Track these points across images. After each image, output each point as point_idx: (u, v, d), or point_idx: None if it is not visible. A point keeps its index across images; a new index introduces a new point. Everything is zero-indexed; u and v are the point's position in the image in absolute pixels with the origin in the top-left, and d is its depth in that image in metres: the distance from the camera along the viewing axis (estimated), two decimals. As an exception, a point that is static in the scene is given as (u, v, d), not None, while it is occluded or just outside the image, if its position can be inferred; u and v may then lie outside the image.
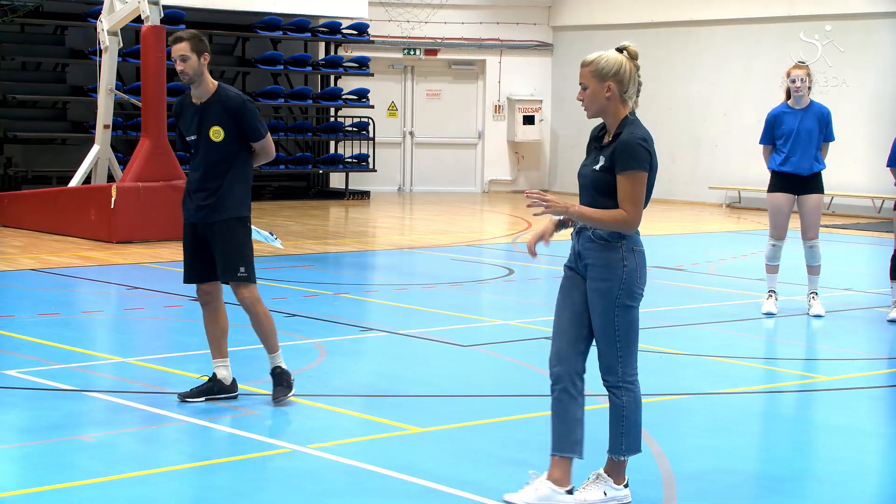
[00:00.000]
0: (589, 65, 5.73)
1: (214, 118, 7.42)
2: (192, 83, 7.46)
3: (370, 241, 17.40)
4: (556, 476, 5.78)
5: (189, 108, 7.54)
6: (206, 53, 7.45)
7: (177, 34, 7.49)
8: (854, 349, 9.97)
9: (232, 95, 7.48)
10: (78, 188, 16.86)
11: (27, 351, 9.02)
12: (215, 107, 7.44)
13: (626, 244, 5.72)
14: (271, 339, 7.57)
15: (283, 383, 7.52)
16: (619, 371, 5.77)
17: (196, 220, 7.50)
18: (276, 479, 6.14)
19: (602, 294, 5.73)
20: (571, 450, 5.80)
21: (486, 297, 12.62)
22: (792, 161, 11.03)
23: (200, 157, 7.49)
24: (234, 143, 7.45)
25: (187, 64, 7.38)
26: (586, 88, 5.75)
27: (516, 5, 26.35)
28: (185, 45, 7.40)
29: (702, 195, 24.06)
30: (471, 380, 8.51)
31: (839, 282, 13.31)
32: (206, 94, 7.48)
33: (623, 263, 5.71)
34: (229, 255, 7.44)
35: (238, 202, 7.47)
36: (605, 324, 5.75)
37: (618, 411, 5.80)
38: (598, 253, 5.75)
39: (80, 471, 6.23)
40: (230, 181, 7.44)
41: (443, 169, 26.39)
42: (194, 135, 7.49)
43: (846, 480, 6.43)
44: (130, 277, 12.95)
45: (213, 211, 7.44)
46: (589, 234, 5.79)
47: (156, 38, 16.11)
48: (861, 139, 21.79)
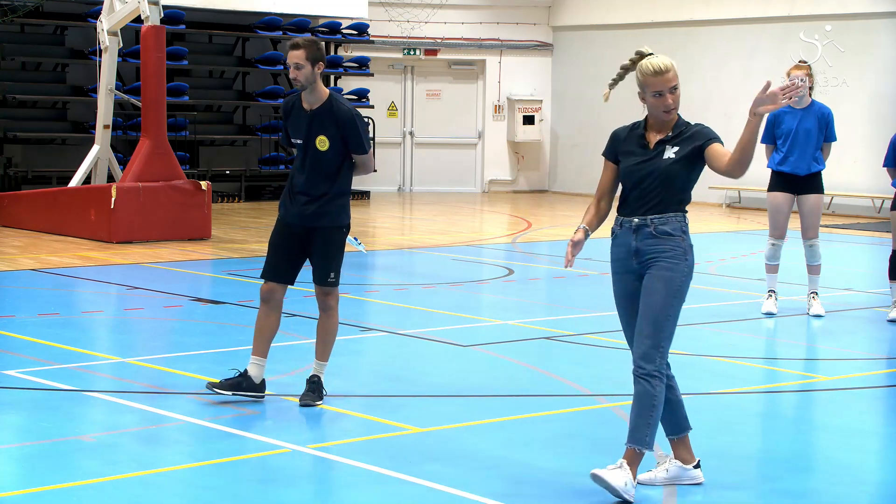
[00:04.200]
0: (672, 68, 5.99)
1: (322, 127, 7.49)
2: (303, 90, 7.52)
3: (370, 241, 17.40)
4: (684, 457, 6.12)
5: (299, 111, 7.60)
6: (321, 62, 7.48)
7: (294, 40, 7.52)
8: (854, 349, 9.97)
9: (344, 108, 7.52)
10: (78, 188, 16.86)
11: (27, 351, 9.01)
12: (325, 116, 7.49)
13: (687, 238, 5.94)
14: (329, 347, 7.69)
15: (316, 391, 7.58)
16: (658, 360, 5.83)
17: (295, 221, 7.59)
18: (276, 479, 6.14)
19: (665, 281, 5.86)
20: (681, 428, 6.12)
21: (486, 297, 12.61)
22: (790, 161, 11.03)
23: (306, 163, 7.57)
24: (339, 154, 7.53)
25: (301, 72, 7.43)
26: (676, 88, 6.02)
27: (516, 5, 26.35)
28: (301, 53, 7.42)
29: (702, 195, 23.98)
30: (471, 380, 8.51)
31: (839, 282, 13.31)
32: (318, 102, 7.53)
33: (686, 257, 5.91)
34: (328, 261, 7.57)
35: (340, 211, 7.59)
36: (662, 310, 5.83)
37: (650, 400, 5.81)
38: (664, 245, 5.90)
39: (80, 471, 6.23)
40: (334, 190, 7.54)
41: (443, 169, 26.38)
42: (301, 139, 7.56)
43: (846, 480, 6.43)
44: (130, 277, 12.95)
45: (316, 217, 7.54)
46: (650, 230, 5.91)
47: (156, 38, 16.11)
48: (861, 139, 21.79)
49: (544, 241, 17.29)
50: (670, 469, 6.12)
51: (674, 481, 6.11)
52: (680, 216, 5.94)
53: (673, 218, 5.91)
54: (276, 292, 7.67)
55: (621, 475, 5.79)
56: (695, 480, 6.13)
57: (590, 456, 6.42)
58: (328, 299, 7.66)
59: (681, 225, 5.93)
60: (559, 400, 7.98)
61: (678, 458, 6.14)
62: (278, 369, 8.24)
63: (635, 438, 5.84)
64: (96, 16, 17.58)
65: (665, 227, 5.89)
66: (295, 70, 7.45)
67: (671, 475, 6.12)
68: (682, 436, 6.15)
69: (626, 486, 5.78)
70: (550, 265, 14.51)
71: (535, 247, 16.59)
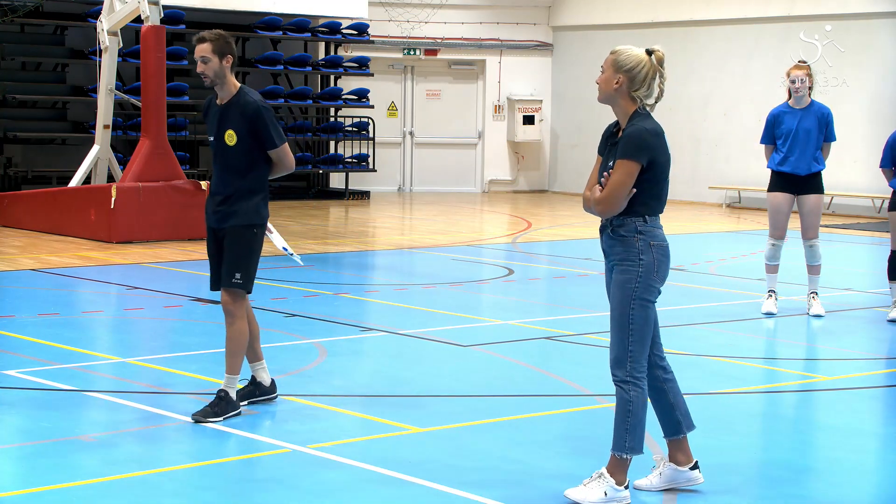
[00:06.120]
0: (613, 53, 5.89)
1: (231, 122, 7.24)
2: (213, 85, 7.29)
3: (370, 241, 17.40)
4: (678, 459, 6.09)
5: (212, 108, 7.40)
6: (230, 56, 7.24)
7: (201, 34, 7.27)
8: (854, 349, 9.97)
9: (249, 100, 7.25)
10: (78, 188, 16.86)
11: (27, 351, 9.01)
12: (233, 110, 7.25)
13: (644, 238, 5.82)
14: (236, 358, 7.26)
15: (214, 406, 7.14)
16: (628, 366, 5.82)
17: (212, 223, 7.37)
18: (275, 479, 6.14)
19: (621, 286, 5.83)
20: (677, 430, 6.08)
21: (486, 297, 12.61)
22: (790, 161, 11.04)
23: (217, 160, 7.37)
24: (249, 149, 7.24)
25: (208, 66, 7.20)
26: (602, 73, 5.89)
27: (516, 5, 26.35)
28: (208, 47, 7.20)
29: (702, 195, 24.06)
30: (471, 380, 8.51)
31: (839, 282, 13.32)
32: (228, 97, 7.30)
33: (640, 258, 5.80)
34: (233, 261, 7.26)
35: (250, 210, 7.26)
36: (620, 317, 5.82)
37: (624, 406, 5.82)
38: (618, 248, 5.86)
39: (80, 471, 6.22)
40: (244, 187, 7.25)
41: (443, 169, 26.38)
42: (213, 136, 7.34)
43: (846, 480, 6.43)
44: (130, 277, 12.95)
45: (225, 217, 7.27)
46: (609, 231, 5.89)
47: (156, 38, 16.11)
48: (861, 139, 21.79)
49: (544, 241, 17.29)
50: (664, 472, 6.09)
51: (671, 484, 6.09)
52: (639, 220, 5.79)
53: (630, 220, 5.80)
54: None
55: (597, 489, 5.79)
56: (693, 482, 6.10)
57: (590, 456, 6.42)
58: (230, 303, 7.24)
59: (636, 226, 5.79)
60: (559, 400, 7.98)
61: (672, 459, 6.11)
62: (279, 369, 8.24)
63: (614, 445, 5.86)
64: (96, 16, 17.58)
65: (620, 229, 5.82)
66: (202, 64, 7.20)
67: (665, 478, 6.08)
68: (677, 437, 6.11)
69: (606, 496, 5.77)
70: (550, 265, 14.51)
71: (535, 247, 16.59)
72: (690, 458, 6.12)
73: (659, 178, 5.80)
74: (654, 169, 5.77)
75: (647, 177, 5.76)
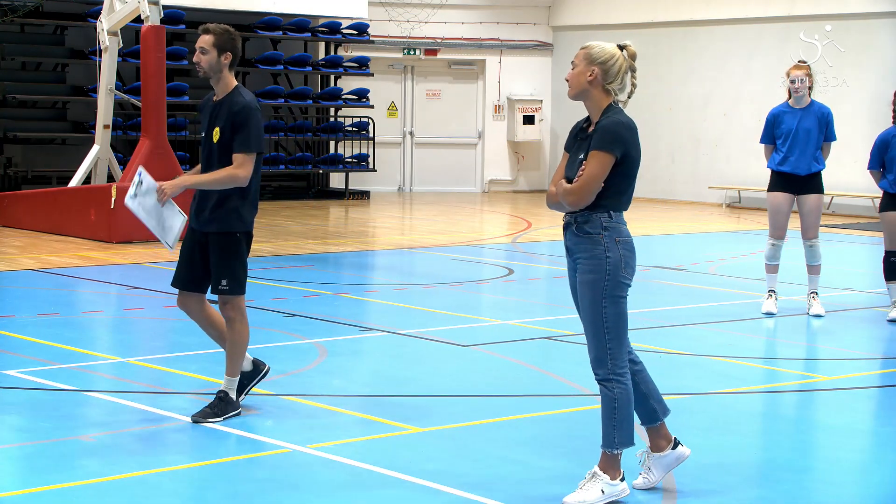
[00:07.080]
0: (585, 48, 5.90)
1: (219, 119, 7.17)
2: (206, 77, 7.21)
3: (370, 241, 17.40)
4: (659, 445, 6.09)
5: (207, 105, 7.32)
6: (230, 53, 7.14)
7: (206, 25, 7.19)
8: (854, 349, 9.97)
9: (239, 99, 7.14)
10: (78, 188, 16.86)
11: (27, 351, 9.01)
12: (224, 107, 7.17)
13: (609, 235, 5.79)
14: (236, 360, 7.25)
15: (214, 407, 7.12)
16: (609, 364, 5.82)
17: (194, 224, 7.29)
18: (275, 479, 6.14)
19: (589, 286, 5.82)
20: (653, 418, 6.09)
21: (486, 297, 12.61)
22: (790, 161, 11.04)
23: (203, 158, 7.30)
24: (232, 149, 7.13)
25: (204, 57, 7.10)
26: (574, 68, 5.89)
27: (516, 5, 26.35)
28: (209, 38, 7.11)
29: (702, 195, 24.06)
30: (471, 380, 8.51)
31: (839, 282, 13.32)
32: (222, 94, 7.22)
33: (607, 255, 5.78)
34: (220, 268, 7.16)
35: (232, 215, 7.17)
36: (594, 316, 5.82)
37: (609, 404, 5.83)
38: (583, 246, 5.84)
39: (80, 471, 6.22)
40: (226, 190, 7.15)
41: (443, 169, 26.38)
42: (203, 132, 7.28)
43: (846, 480, 6.43)
44: (130, 277, 12.95)
45: (207, 222, 7.19)
46: (573, 228, 5.86)
47: (156, 38, 16.11)
48: (861, 139, 21.76)
49: (544, 241, 17.28)
50: (653, 465, 6.10)
51: (665, 471, 6.10)
52: (604, 215, 5.78)
53: (596, 216, 5.78)
54: (186, 302, 7.33)
55: (593, 488, 5.80)
56: (682, 458, 6.14)
57: (590, 456, 6.41)
58: (226, 309, 7.19)
59: (601, 221, 5.77)
60: (559, 400, 7.98)
61: (654, 447, 6.11)
62: (279, 369, 8.24)
63: (604, 441, 5.88)
64: (96, 16, 17.58)
65: (586, 225, 5.80)
66: (199, 54, 7.11)
67: (658, 469, 6.09)
68: (654, 425, 6.12)
69: (604, 493, 5.79)
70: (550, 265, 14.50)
71: (535, 247, 16.59)
72: (670, 438, 6.14)
73: (629, 173, 5.79)
74: (626, 163, 5.77)
75: (619, 171, 5.76)
